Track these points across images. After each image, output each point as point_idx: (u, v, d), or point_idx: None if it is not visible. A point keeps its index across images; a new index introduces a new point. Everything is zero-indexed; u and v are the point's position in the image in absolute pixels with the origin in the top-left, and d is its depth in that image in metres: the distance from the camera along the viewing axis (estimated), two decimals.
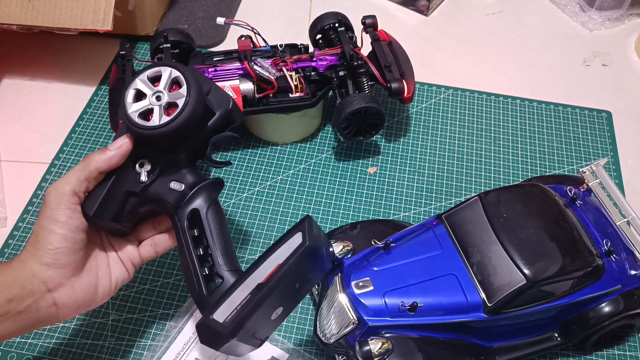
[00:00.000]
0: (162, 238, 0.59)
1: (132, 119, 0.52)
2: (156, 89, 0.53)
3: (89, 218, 0.53)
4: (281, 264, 0.49)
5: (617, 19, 1.02)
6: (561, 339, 0.63)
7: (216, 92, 0.56)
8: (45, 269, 0.51)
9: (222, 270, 0.53)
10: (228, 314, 0.49)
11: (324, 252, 0.52)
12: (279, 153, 0.82)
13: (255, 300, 0.48)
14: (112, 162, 0.53)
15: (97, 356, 0.63)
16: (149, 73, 0.54)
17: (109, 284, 0.56)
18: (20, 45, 0.94)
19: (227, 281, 0.52)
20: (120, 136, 0.54)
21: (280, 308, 0.51)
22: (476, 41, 0.99)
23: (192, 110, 0.51)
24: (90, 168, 0.52)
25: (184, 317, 0.66)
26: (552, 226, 0.59)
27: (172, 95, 0.52)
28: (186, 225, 0.54)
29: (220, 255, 0.53)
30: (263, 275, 0.49)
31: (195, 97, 0.51)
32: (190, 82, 0.52)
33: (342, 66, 0.77)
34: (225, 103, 0.56)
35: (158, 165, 0.55)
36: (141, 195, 0.55)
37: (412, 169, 0.81)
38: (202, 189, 0.55)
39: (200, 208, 0.54)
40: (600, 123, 0.88)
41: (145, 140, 0.53)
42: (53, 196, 0.52)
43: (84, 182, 0.52)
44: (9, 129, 0.84)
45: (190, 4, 1.02)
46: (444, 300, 0.57)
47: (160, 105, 0.52)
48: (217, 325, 0.49)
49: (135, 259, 0.58)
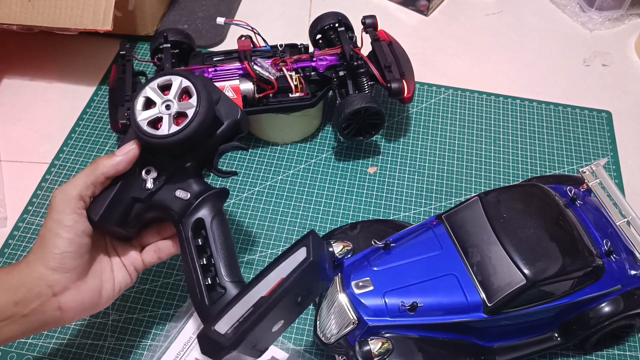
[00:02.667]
0: (165, 244, 0.59)
1: (140, 126, 0.52)
2: (166, 97, 0.53)
3: (94, 223, 0.53)
4: (284, 278, 0.49)
5: (617, 19, 1.02)
6: (561, 339, 0.63)
7: (225, 102, 0.56)
8: (51, 272, 0.51)
9: (225, 281, 0.53)
10: (230, 326, 0.49)
11: (327, 266, 0.52)
12: (279, 153, 0.82)
13: (257, 313, 0.48)
14: (119, 168, 0.53)
15: (97, 356, 0.63)
16: (159, 81, 0.53)
17: (113, 289, 0.56)
18: (20, 45, 0.94)
19: (229, 292, 0.52)
20: (127, 142, 0.54)
21: (281, 321, 0.51)
22: (476, 41, 0.99)
23: (202, 121, 0.51)
24: (97, 173, 0.53)
25: (184, 317, 0.66)
26: (552, 226, 0.59)
27: (182, 105, 0.52)
28: (190, 235, 0.54)
29: (223, 266, 0.53)
30: (266, 288, 0.49)
31: (205, 108, 0.51)
32: (200, 92, 0.52)
33: (342, 66, 0.77)
34: (234, 113, 0.56)
35: (164, 173, 0.54)
36: (147, 202, 0.55)
37: (412, 169, 0.81)
38: (207, 199, 0.55)
39: (205, 218, 0.54)
40: (600, 123, 0.88)
41: (153, 148, 0.53)
42: (60, 199, 0.52)
43: (91, 186, 0.53)
44: (9, 129, 0.84)
45: (190, 4, 1.02)
46: (444, 300, 0.57)
47: (169, 114, 0.52)
48: (218, 337, 0.49)
49: (138, 264, 0.58)
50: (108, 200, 0.54)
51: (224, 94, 0.57)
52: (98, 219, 0.53)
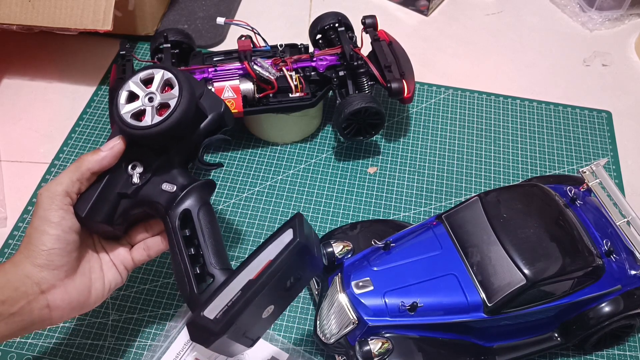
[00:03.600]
0: (154, 241, 0.59)
1: (124, 119, 0.52)
2: (149, 90, 0.53)
3: (81, 219, 0.53)
4: (272, 260, 0.49)
5: (617, 19, 1.02)
6: (561, 339, 0.63)
7: (208, 96, 0.57)
8: (38, 270, 0.50)
9: (213, 269, 0.53)
10: (219, 311, 0.49)
11: (315, 250, 0.52)
12: (279, 153, 0.82)
13: (246, 296, 0.48)
14: (104, 163, 0.53)
15: (97, 356, 0.63)
16: (141, 75, 0.54)
17: (102, 288, 0.56)
18: (20, 45, 0.94)
19: (217, 279, 0.52)
20: (113, 138, 0.54)
21: (271, 306, 0.51)
22: (476, 41, 0.99)
23: (184, 110, 0.52)
24: (82, 169, 0.52)
25: (184, 317, 0.66)
26: (552, 226, 0.59)
27: (164, 96, 0.53)
28: (178, 226, 0.54)
29: (211, 255, 0.53)
30: (254, 271, 0.49)
31: (186, 97, 0.52)
32: (182, 83, 0.52)
33: (342, 66, 0.77)
34: (218, 106, 0.57)
35: (150, 167, 0.55)
36: (133, 197, 0.55)
37: (412, 169, 0.81)
38: (193, 190, 0.55)
39: (191, 209, 0.54)
40: (600, 123, 0.88)
41: (138, 141, 0.53)
42: (45, 197, 0.51)
43: (76, 183, 0.52)
44: (9, 129, 0.84)
45: (190, 4, 1.02)
46: (444, 300, 0.57)
47: (152, 106, 0.53)
48: (207, 322, 0.49)
49: (128, 262, 0.58)
50: (94, 196, 0.54)
51: (207, 87, 0.57)
52: (85, 215, 0.53)
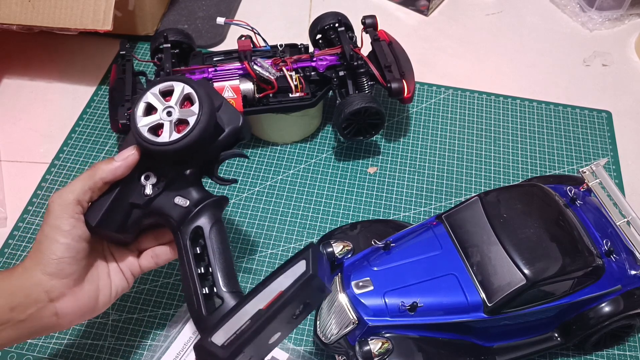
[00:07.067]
0: (163, 250, 0.58)
1: (141, 133, 0.51)
2: (167, 104, 0.52)
3: (92, 228, 0.53)
4: (283, 292, 0.48)
5: (617, 19, 1.02)
6: (561, 339, 0.63)
7: (227, 109, 0.55)
8: (48, 278, 0.50)
9: (222, 291, 0.52)
10: (227, 338, 0.48)
11: (326, 279, 0.51)
12: (279, 153, 0.82)
13: (255, 326, 0.47)
14: (117, 173, 0.52)
15: (97, 356, 0.63)
16: (160, 87, 0.53)
17: (109, 294, 0.56)
18: (20, 45, 0.94)
19: (227, 303, 0.52)
20: (127, 146, 0.54)
21: (278, 333, 0.51)
22: (476, 41, 0.99)
23: (203, 130, 0.51)
24: (95, 178, 0.52)
25: (184, 317, 0.66)
26: (552, 226, 0.59)
27: (184, 112, 0.52)
28: (189, 243, 0.53)
29: (221, 276, 0.53)
30: (264, 301, 0.48)
31: (206, 116, 0.51)
32: (202, 100, 0.51)
33: (342, 66, 0.77)
34: (235, 120, 0.55)
35: (164, 179, 0.54)
36: (145, 208, 0.54)
37: (412, 169, 0.81)
38: (206, 207, 0.54)
39: (204, 226, 0.54)
40: (600, 123, 0.88)
41: (153, 155, 0.52)
42: (57, 205, 0.51)
43: (89, 191, 0.52)
44: (9, 129, 0.84)
45: (190, 4, 1.02)
46: (444, 300, 0.57)
47: (170, 121, 0.51)
48: (215, 348, 0.48)
49: (135, 269, 0.58)
50: (106, 205, 0.53)
51: (225, 100, 0.56)
52: (96, 225, 0.53)
